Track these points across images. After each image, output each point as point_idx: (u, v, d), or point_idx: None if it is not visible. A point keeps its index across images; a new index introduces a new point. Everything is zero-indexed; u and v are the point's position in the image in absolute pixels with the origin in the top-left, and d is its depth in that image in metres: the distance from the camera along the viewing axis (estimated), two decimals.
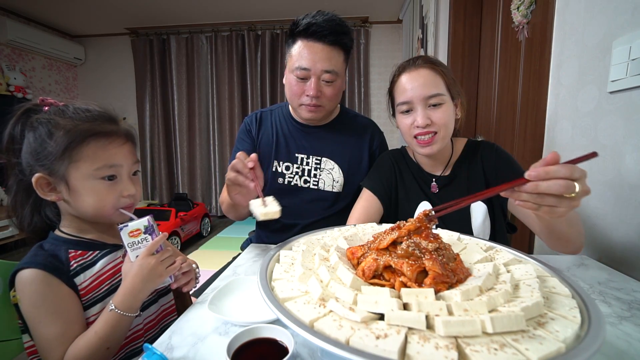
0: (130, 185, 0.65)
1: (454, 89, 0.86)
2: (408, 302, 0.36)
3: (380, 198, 0.95)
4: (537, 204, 0.46)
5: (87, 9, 3.53)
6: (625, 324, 0.52)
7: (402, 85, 0.86)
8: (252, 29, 4.00)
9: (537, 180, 0.44)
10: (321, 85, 0.97)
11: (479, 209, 0.88)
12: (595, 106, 0.89)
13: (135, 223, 0.62)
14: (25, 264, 0.58)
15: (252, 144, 1.13)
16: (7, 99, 3.40)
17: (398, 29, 3.94)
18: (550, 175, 0.43)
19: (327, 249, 0.54)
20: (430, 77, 0.83)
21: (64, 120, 0.60)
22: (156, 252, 0.62)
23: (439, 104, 0.83)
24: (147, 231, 0.62)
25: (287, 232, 1.11)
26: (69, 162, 0.59)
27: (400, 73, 0.88)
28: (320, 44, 0.94)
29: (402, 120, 0.88)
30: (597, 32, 0.88)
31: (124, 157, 0.65)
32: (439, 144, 0.84)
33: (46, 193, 0.61)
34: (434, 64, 0.85)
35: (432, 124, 0.83)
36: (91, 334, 0.57)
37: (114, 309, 0.58)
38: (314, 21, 0.93)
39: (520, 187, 0.45)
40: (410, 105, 0.85)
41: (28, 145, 0.60)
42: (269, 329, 0.46)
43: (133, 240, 0.62)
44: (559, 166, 0.43)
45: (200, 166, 4.35)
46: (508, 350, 0.29)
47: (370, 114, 4.05)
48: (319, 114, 1.02)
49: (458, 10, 1.98)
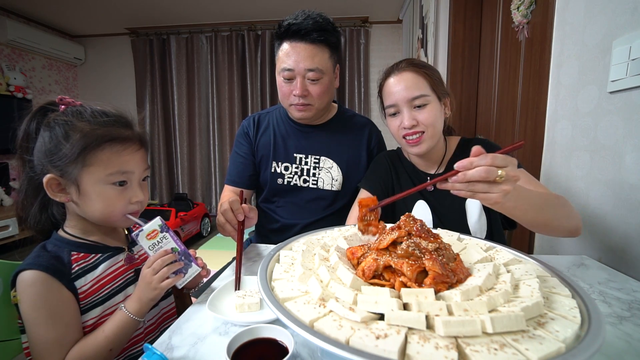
0: (139, 192, 0.65)
1: (439, 89, 0.88)
2: (408, 302, 0.36)
3: (378, 198, 0.96)
4: (470, 191, 0.52)
5: (87, 9, 3.53)
6: (625, 324, 0.52)
7: (388, 89, 0.89)
8: (252, 29, 4.00)
9: (463, 170, 0.50)
10: (306, 84, 0.98)
11: (474, 205, 0.90)
12: (595, 106, 0.89)
13: (149, 225, 0.63)
14: (27, 265, 0.58)
15: (250, 147, 1.13)
16: (7, 99, 3.40)
17: (398, 29, 3.94)
18: (474, 165, 0.49)
19: (327, 249, 0.54)
20: (413, 79, 0.86)
21: (81, 123, 0.60)
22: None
23: (424, 105, 0.86)
24: (163, 230, 0.63)
25: (287, 232, 1.11)
26: (82, 166, 0.59)
27: (386, 77, 0.91)
28: (302, 43, 0.95)
29: (391, 122, 0.91)
30: (597, 32, 0.88)
31: (137, 164, 0.65)
32: (427, 142, 0.87)
33: (55, 194, 0.61)
34: (417, 67, 0.88)
35: (419, 124, 0.86)
36: (99, 333, 0.59)
37: (123, 309, 0.60)
38: (295, 21, 0.95)
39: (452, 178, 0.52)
40: (397, 107, 0.88)
41: (42, 144, 0.60)
42: (269, 329, 0.46)
43: (153, 242, 0.62)
44: (482, 156, 0.49)
45: (200, 166, 4.35)
46: (508, 350, 0.29)
47: (370, 113, 4.05)
48: (308, 113, 1.03)
49: (458, 10, 1.98)
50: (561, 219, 0.70)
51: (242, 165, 1.14)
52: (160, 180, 4.37)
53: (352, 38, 3.96)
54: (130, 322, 0.60)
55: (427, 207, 0.93)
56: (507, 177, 0.50)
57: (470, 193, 0.52)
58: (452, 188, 0.53)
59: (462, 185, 0.51)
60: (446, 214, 0.92)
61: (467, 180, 0.50)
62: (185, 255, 0.65)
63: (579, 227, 0.73)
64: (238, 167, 1.14)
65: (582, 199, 0.94)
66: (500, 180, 0.50)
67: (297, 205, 1.12)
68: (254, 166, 1.14)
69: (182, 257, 0.65)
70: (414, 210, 0.94)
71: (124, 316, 0.60)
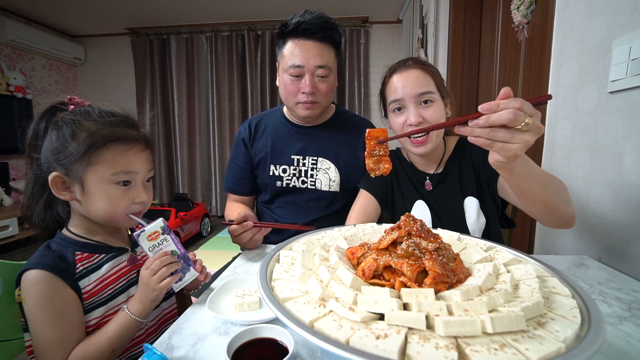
0: (142, 192, 0.66)
1: (443, 89, 0.89)
2: (408, 302, 0.36)
3: (377, 198, 0.97)
4: (489, 139, 0.47)
5: (87, 9, 3.53)
6: (625, 324, 0.52)
7: (394, 85, 0.88)
8: (252, 29, 4.00)
9: (489, 112, 0.45)
10: (315, 81, 0.99)
11: (471, 204, 0.90)
12: (595, 106, 0.89)
13: (151, 226, 0.62)
14: (32, 265, 0.58)
15: (246, 154, 1.15)
16: (7, 99, 3.40)
17: (398, 29, 3.94)
18: (501, 107, 0.45)
19: (327, 249, 0.54)
20: (421, 76, 0.86)
21: (88, 122, 0.60)
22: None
23: (430, 102, 0.85)
24: (164, 232, 0.63)
25: (287, 232, 1.11)
26: (87, 164, 0.59)
27: (392, 74, 0.90)
28: (310, 41, 0.97)
29: (394, 119, 0.90)
30: (597, 32, 0.88)
31: (141, 164, 0.65)
32: (433, 142, 0.87)
33: (60, 192, 0.61)
34: (424, 64, 0.88)
35: (424, 122, 0.85)
36: (102, 333, 0.59)
37: (126, 310, 0.60)
38: (303, 20, 0.96)
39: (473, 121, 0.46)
40: (402, 102, 0.87)
41: (50, 142, 0.60)
42: (269, 329, 0.46)
43: (153, 244, 0.62)
44: (510, 99, 0.45)
45: (200, 166, 4.35)
46: (508, 350, 0.29)
47: (370, 114, 4.05)
48: (315, 111, 1.03)
49: (458, 10, 1.98)
50: (561, 202, 0.68)
51: (238, 174, 1.17)
52: (160, 180, 4.37)
53: (352, 38, 3.96)
54: (133, 323, 0.60)
55: (425, 207, 0.93)
56: (532, 127, 0.45)
57: (489, 141, 0.47)
58: (471, 134, 0.48)
59: (482, 132, 0.47)
60: (445, 214, 0.92)
61: (489, 125, 0.45)
62: (184, 259, 0.65)
63: (574, 215, 0.70)
64: (235, 176, 1.18)
65: (582, 199, 0.94)
66: (526, 128, 0.45)
67: (295, 206, 1.13)
68: (251, 174, 1.16)
69: (180, 260, 0.64)
70: (413, 210, 0.94)
71: (127, 317, 0.60)
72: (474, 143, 0.49)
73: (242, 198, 1.20)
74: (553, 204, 0.67)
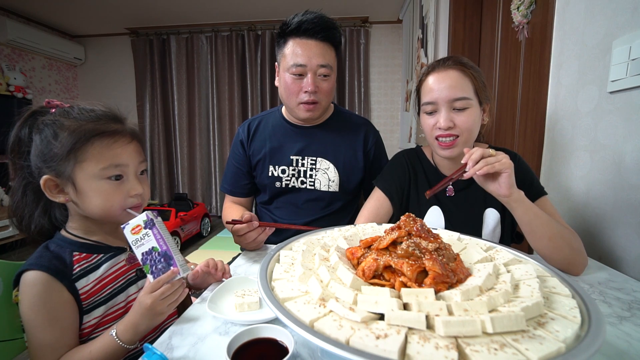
0: (137, 185, 0.65)
1: (482, 94, 0.83)
2: (408, 302, 0.36)
3: (391, 199, 0.94)
4: (486, 163, 0.68)
5: (87, 9, 3.52)
6: (625, 324, 0.52)
7: (429, 85, 0.84)
8: (252, 29, 4.00)
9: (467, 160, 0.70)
10: (318, 80, 0.99)
11: (492, 216, 0.88)
12: (595, 106, 0.89)
13: (134, 220, 0.60)
14: (30, 265, 0.58)
15: (244, 156, 1.15)
16: (7, 99, 3.40)
17: (398, 29, 3.94)
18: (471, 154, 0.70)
19: (327, 249, 0.54)
20: (458, 79, 0.81)
21: (69, 121, 0.60)
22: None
23: (464, 108, 0.80)
24: (147, 226, 0.60)
25: (287, 232, 1.11)
26: (74, 163, 0.59)
27: (429, 72, 0.86)
28: (312, 40, 0.97)
29: (426, 120, 0.86)
30: (597, 32, 0.88)
31: (130, 157, 0.64)
32: (460, 147, 0.82)
33: (54, 195, 0.61)
34: (464, 66, 0.82)
35: (455, 127, 0.81)
36: (86, 353, 0.57)
37: (113, 336, 0.57)
38: (305, 19, 0.96)
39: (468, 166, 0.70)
40: (435, 106, 0.83)
41: (35, 147, 0.60)
42: (269, 329, 0.46)
43: (136, 238, 0.60)
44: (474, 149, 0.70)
45: (200, 166, 4.35)
46: (508, 350, 0.29)
47: (370, 114, 4.04)
48: (316, 112, 1.03)
49: (458, 10, 1.98)
50: (565, 245, 0.70)
51: (235, 175, 1.17)
52: (160, 180, 4.37)
53: (352, 38, 3.96)
54: (119, 350, 0.57)
55: (441, 213, 0.90)
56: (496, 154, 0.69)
57: (488, 166, 0.67)
58: (474, 170, 0.68)
59: (478, 164, 0.68)
60: (461, 222, 0.89)
61: (476, 160, 0.68)
62: (164, 257, 0.60)
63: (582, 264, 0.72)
64: (232, 177, 1.18)
65: (582, 199, 0.94)
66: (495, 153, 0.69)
67: (294, 206, 1.13)
68: (249, 175, 1.16)
69: (160, 259, 0.60)
70: (427, 216, 0.91)
71: (113, 343, 0.57)
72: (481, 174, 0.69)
73: (239, 200, 1.19)
74: (556, 242, 0.70)
